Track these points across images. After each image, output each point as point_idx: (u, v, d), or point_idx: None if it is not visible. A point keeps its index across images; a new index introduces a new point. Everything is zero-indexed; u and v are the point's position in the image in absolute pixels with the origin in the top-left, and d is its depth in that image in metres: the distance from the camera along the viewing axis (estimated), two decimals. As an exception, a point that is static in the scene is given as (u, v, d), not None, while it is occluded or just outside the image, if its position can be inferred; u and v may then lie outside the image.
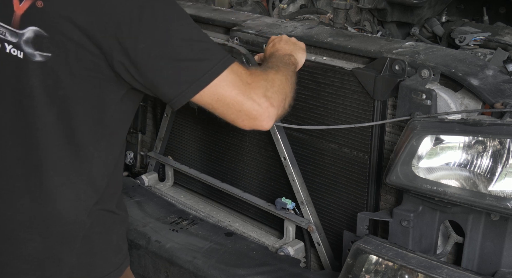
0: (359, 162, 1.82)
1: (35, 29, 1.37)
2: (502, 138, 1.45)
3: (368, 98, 1.74)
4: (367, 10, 2.52)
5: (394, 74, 1.68)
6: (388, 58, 1.69)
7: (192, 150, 2.40)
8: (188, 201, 2.38)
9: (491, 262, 1.60)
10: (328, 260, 1.99)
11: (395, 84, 1.67)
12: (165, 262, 2.01)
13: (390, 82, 1.68)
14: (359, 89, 1.76)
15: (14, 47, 1.40)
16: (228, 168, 2.26)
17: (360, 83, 1.74)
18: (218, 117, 1.53)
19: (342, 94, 1.81)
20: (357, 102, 1.78)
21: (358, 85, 1.76)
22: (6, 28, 1.40)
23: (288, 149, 1.99)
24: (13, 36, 1.40)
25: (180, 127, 2.42)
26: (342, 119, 1.83)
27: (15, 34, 1.39)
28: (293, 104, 1.63)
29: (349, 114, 1.81)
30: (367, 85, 1.72)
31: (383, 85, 1.69)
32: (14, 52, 1.40)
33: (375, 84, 1.70)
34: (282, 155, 2.00)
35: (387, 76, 1.69)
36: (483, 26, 2.31)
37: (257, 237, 2.12)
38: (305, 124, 1.92)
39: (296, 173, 1.99)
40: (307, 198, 1.99)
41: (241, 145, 2.18)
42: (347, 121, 1.81)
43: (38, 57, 1.38)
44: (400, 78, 1.67)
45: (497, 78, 1.60)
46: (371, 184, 1.81)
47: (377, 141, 1.76)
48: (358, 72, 1.75)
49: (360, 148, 1.81)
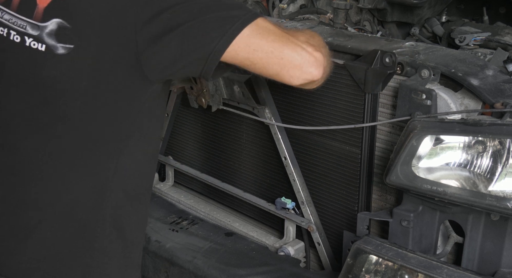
0: (350, 157, 1.84)
1: (59, 21, 1.35)
2: (502, 138, 1.45)
3: (359, 92, 1.75)
4: (367, 10, 2.52)
5: (385, 66, 1.69)
6: (379, 51, 1.69)
7: (192, 150, 2.40)
8: (188, 201, 2.38)
9: (491, 262, 1.60)
10: (328, 260, 1.99)
11: (385, 76, 1.68)
12: (165, 262, 2.01)
13: (380, 74, 1.69)
14: (351, 83, 1.77)
15: (34, 40, 1.38)
16: (228, 168, 2.26)
17: (352, 76, 1.75)
18: (219, 124, 1.49)
19: (334, 88, 1.82)
20: (349, 95, 1.79)
21: (349, 78, 1.77)
22: (28, 22, 1.39)
23: (288, 149, 1.99)
24: (34, 29, 1.38)
25: (180, 127, 2.42)
26: (334, 114, 1.84)
27: (37, 27, 1.38)
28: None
29: (341, 108, 1.82)
30: (358, 78, 1.73)
31: (373, 78, 1.70)
32: (34, 45, 1.38)
33: (366, 77, 1.71)
34: (282, 155, 2.00)
35: (378, 69, 1.69)
36: (483, 26, 2.31)
37: (257, 237, 2.12)
38: (298, 119, 1.93)
39: (296, 172, 1.99)
40: (308, 197, 1.99)
41: (241, 145, 2.18)
42: (339, 115, 1.83)
43: (60, 50, 1.36)
44: (390, 71, 1.68)
45: (497, 78, 1.60)
46: (362, 180, 1.82)
47: (368, 136, 1.78)
48: (350, 65, 1.75)
49: (352, 143, 1.83)
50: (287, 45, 1.34)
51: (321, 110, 1.88)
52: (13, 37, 1.40)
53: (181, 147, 2.45)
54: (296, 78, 1.37)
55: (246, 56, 1.34)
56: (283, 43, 1.34)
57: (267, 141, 2.07)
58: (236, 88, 2.00)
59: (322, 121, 1.88)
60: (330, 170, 1.91)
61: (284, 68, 1.35)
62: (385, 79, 1.70)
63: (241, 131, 2.17)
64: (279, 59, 1.34)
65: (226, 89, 2.04)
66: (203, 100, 2.10)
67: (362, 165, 1.81)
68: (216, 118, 2.24)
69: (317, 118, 1.89)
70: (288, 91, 1.95)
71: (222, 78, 2.02)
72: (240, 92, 1.99)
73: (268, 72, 1.37)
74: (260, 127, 2.08)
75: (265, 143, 2.09)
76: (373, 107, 1.74)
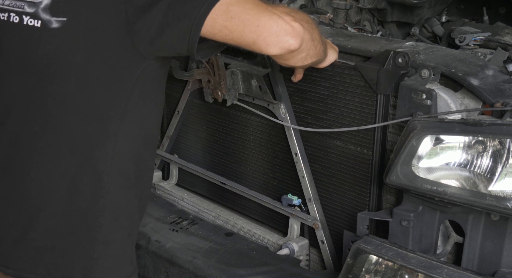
0: (361, 158, 1.83)
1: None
2: (502, 138, 1.45)
3: (371, 92, 1.74)
4: (367, 10, 2.52)
5: (398, 67, 1.68)
6: (392, 51, 1.68)
7: (198, 148, 2.39)
8: (192, 199, 2.37)
9: (491, 262, 1.60)
10: (331, 259, 1.98)
11: (398, 76, 1.67)
12: (165, 262, 2.01)
13: (393, 75, 1.68)
14: (362, 84, 1.76)
15: (31, 17, 1.42)
16: (234, 165, 2.25)
17: (363, 77, 1.74)
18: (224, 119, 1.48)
19: (345, 89, 1.82)
20: (360, 96, 1.78)
21: (361, 79, 1.76)
22: (25, 1, 1.43)
23: (300, 145, 1.99)
24: (31, 6, 1.42)
25: (187, 125, 2.41)
26: (346, 115, 1.83)
27: (33, 4, 1.42)
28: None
29: (352, 110, 1.81)
30: (370, 79, 1.72)
31: (386, 79, 1.69)
32: (31, 23, 1.42)
33: (378, 78, 1.70)
34: (294, 151, 1.99)
35: (390, 69, 1.68)
36: (483, 26, 2.31)
37: (261, 234, 2.11)
38: (310, 118, 1.93)
39: (306, 169, 1.98)
40: (315, 195, 1.99)
41: (249, 141, 2.17)
42: (350, 116, 1.81)
43: (54, 24, 1.39)
44: (403, 71, 1.66)
45: (497, 78, 1.60)
46: (373, 181, 1.81)
47: (380, 137, 1.77)
48: (361, 66, 1.75)
49: (363, 144, 1.82)
50: (264, 13, 1.34)
51: (332, 111, 1.87)
52: (12, 19, 1.44)
53: (187, 145, 2.44)
54: (273, 46, 1.35)
55: (224, 24, 1.33)
56: (260, 11, 1.34)
57: (277, 137, 2.06)
58: (253, 83, 2.00)
59: (334, 122, 1.87)
60: (340, 170, 1.91)
61: (261, 36, 1.34)
62: (398, 79, 1.68)
63: (250, 127, 2.16)
64: (255, 26, 1.33)
65: (244, 84, 2.04)
66: (219, 94, 2.10)
67: (373, 166, 1.80)
68: (225, 115, 2.24)
69: (328, 119, 1.88)
70: (303, 88, 1.94)
71: (240, 72, 2.02)
72: (257, 87, 2.00)
73: (245, 40, 1.35)
74: (271, 124, 2.07)
75: (275, 139, 2.08)
76: (385, 108, 1.73)
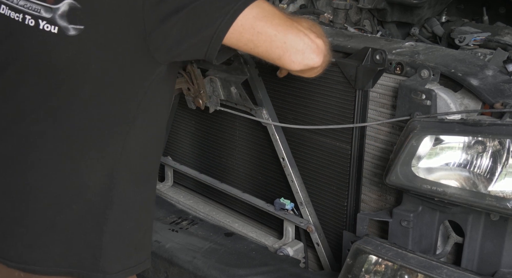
0: (341, 154, 1.85)
1: (70, 2, 1.38)
2: (502, 138, 1.45)
3: (350, 88, 1.77)
4: (367, 10, 2.52)
5: (375, 63, 1.71)
6: (370, 48, 1.71)
7: (191, 150, 2.40)
8: (188, 202, 2.38)
9: (491, 262, 1.60)
10: (327, 261, 1.98)
11: (375, 73, 1.71)
12: (165, 262, 2.01)
13: (370, 71, 1.72)
14: (342, 80, 1.79)
15: (48, 22, 1.41)
16: (226, 168, 2.26)
17: (343, 73, 1.77)
18: (219, 122, 1.50)
19: (326, 85, 1.84)
20: (340, 92, 1.81)
21: (341, 75, 1.79)
22: (41, 5, 1.42)
23: (286, 149, 2.00)
24: (47, 12, 1.41)
25: (179, 127, 2.42)
26: (327, 111, 1.86)
27: (50, 10, 1.40)
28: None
29: (332, 105, 1.84)
30: (349, 75, 1.76)
31: (364, 75, 1.73)
32: (47, 28, 1.41)
33: (357, 74, 1.74)
34: (280, 156, 2.00)
35: (368, 66, 1.72)
36: (483, 26, 2.30)
37: (257, 237, 2.12)
38: (293, 117, 1.95)
39: (295, 173, 1.99)
40: (306, 198, 1.99)
41: (238, 146, 2.18)
42: (331, 112, 1.85)
43: (71, 31, 1.38)
44: (380, 67, 1.70)
45: (497, 78, 1.60)
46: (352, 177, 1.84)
47: (358, 133, 1.80)
48: (341, 62, 1.78)
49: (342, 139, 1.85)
50: (291, 30, 1.36)
51: (314, 108, 1.90)
52: (28, 21, 1.43)
53: (180, 147, 2.44)
54: (298, 63, 1.38)
55: (250, 38, 1.35)
56: (287, 28, 1.36)
57: (265, 141, 2.07)
58: (233, 90, 1.99)
59: (315, 118, 1.90)
60: (323, 166, 1.93)
61: (287, 53, 1.36)
62: (376, 76, 1.73)
63: (238, 132, 2.17)
64: (282, 43, 1.35)
65: (223, 91, 2.03)
66: (200, 102, 2.10)
67: (352, 162, 1.83)
68: (213, 119, 2.24)
69: (310, 115, 1.91)
70: (282, 89, 1.96)
71: (219, 79, 2.02)
72: (237, 94, 1.99)
73: (270, 56, 1.38)
74: (257, 128, 2.09)
75: (263, 143, 2.09)
76: (363, 104, 1.76)
